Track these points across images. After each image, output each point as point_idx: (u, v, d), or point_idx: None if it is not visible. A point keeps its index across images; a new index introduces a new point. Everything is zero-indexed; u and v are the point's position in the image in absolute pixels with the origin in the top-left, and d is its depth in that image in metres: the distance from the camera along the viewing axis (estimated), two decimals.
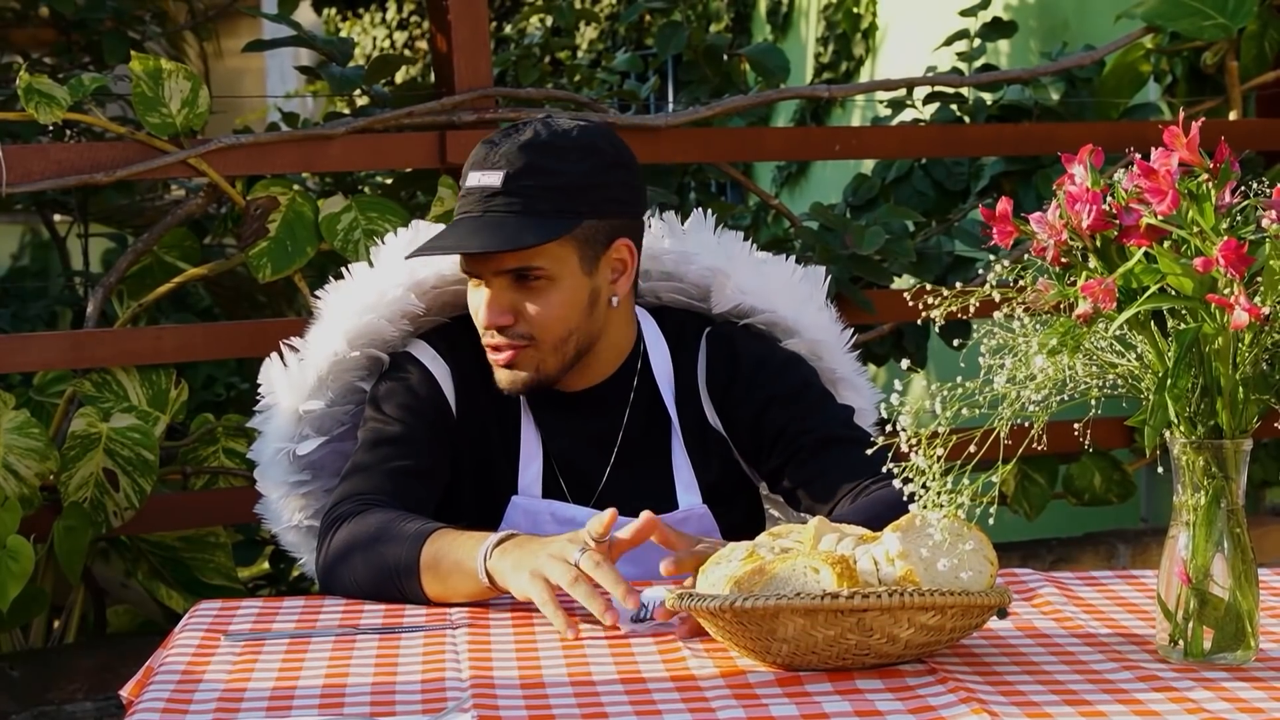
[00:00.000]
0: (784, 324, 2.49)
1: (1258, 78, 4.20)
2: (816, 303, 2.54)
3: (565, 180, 2.28)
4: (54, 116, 3.21)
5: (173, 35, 5.05)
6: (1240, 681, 1.74)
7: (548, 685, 1.79)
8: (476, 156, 2.31)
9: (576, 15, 7.06)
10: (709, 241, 2.52)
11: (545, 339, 2.31)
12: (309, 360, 2.44)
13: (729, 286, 2.47)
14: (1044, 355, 1.75)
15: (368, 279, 2.46)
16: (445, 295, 2.45)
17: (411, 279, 2.42)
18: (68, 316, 5.11)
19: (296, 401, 2.44)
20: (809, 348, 2.49)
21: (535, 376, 2.32)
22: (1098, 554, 4.35)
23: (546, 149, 2.28)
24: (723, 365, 2.42)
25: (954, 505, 1.77)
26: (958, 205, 4.48)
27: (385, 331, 2.42)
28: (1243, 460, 1.81)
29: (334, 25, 11.49)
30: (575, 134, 2.31)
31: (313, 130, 3.54)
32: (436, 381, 2.39)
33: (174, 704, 1.76)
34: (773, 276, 2.52)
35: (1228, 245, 1.69)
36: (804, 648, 1.78)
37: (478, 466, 2.40)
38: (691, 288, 2.50)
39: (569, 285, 2.30)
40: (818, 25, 7.25)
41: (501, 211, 2.26)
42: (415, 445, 2.35)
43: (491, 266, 2.28)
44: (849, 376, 2.54)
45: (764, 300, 2.49)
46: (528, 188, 2.26)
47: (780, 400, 2.38)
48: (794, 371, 2.43)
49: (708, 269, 2.48)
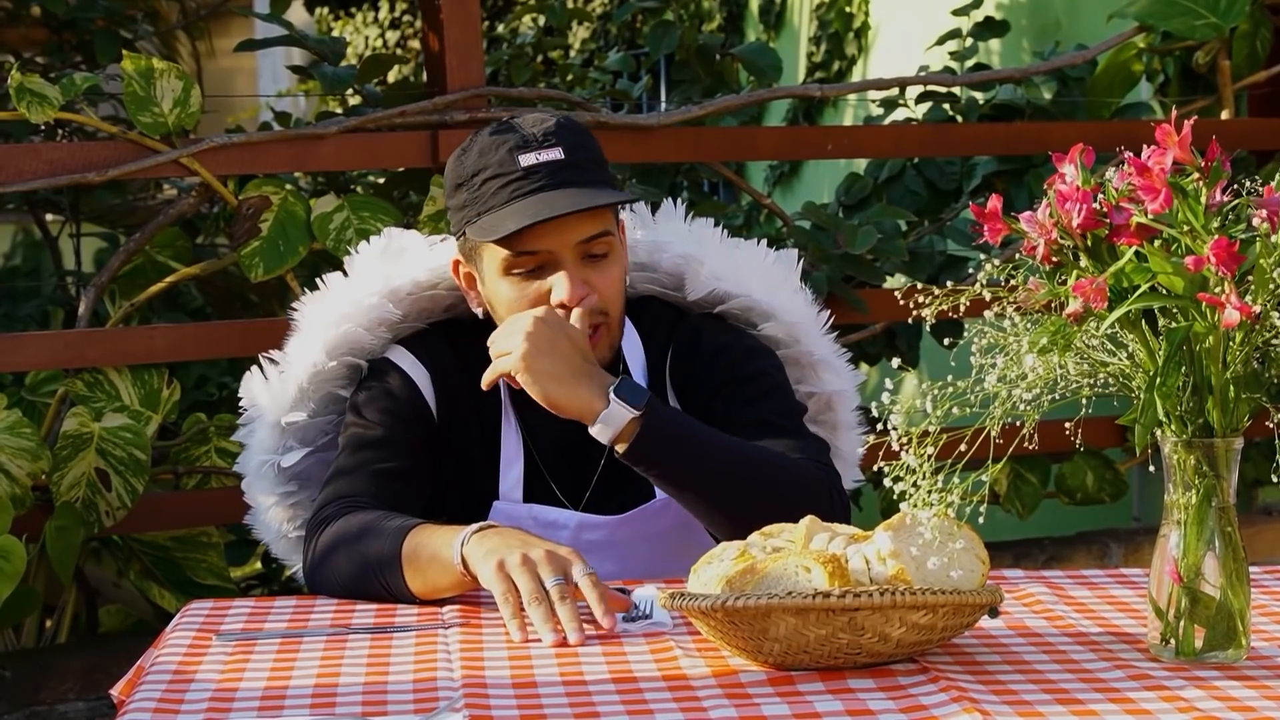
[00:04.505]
0: (759, 308, 2.48)
1: (1249, 77, 4.21)
2: (791, 285, 2.53)
3: (601, 156, 2.38)
4: (46, 116, 3.21)
5: (165, 35, 5.04)
6: (1232, 680, 1.75)
7: (540, 685, 1.79)
8: (511, 142, 2.31)
9: (569, 15, 7.05)
10: (680, 230, 2.53)
11: (614, 313, 2.35)
12: (289, 372, 2.44)
13: (702, 273, 2.47)
14: (1035, 354, 1.75)
15: (343, 289, 2.45)
16: (421, 301, 2.44)
17: (387, 286, 2.42)
18: (59, 316, 5.10)
19: (279, 414, 2.44)
20: (785, 330, 2.49)
21: (609, 355, 2.35)
22: (1090, 553, 4.35)
23: (575, 129, 2.35)
24: (685, 354, 2.42)
25: (944, 504, 1.77)
26: (950, 205, 4.49)
27: (364, 340, 2.41)
28: (1234, 459, 1.81)
29: (326, 25, 11.48)
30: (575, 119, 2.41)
31: (305, 130, 3.54)
32: (416, 385, 2.38)
33: (165, 704, 1.76)
34: (745, 261, 2.51)
35: (1219, 244, 1.69)
36: (796, 647, 1.78)
37: (460, 471, 2.40)
38: (665, 276, 2.50)
39: (621, 258, 2.37)
40: (810, 24, 7.24)
41: (577, 181, 2.29)
42: (396, 447, 2.35)
43: (570, 239, 2.28)
44: (827, 358, 2.53)
45: (737, 285, 2.48)
46: (588, 159, 2.33)
47: (730, 384, 2.38)
48: (752, 361, 2.42)
49: (680, 257, 2.48)
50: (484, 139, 2.33)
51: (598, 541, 2.36)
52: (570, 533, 2.37)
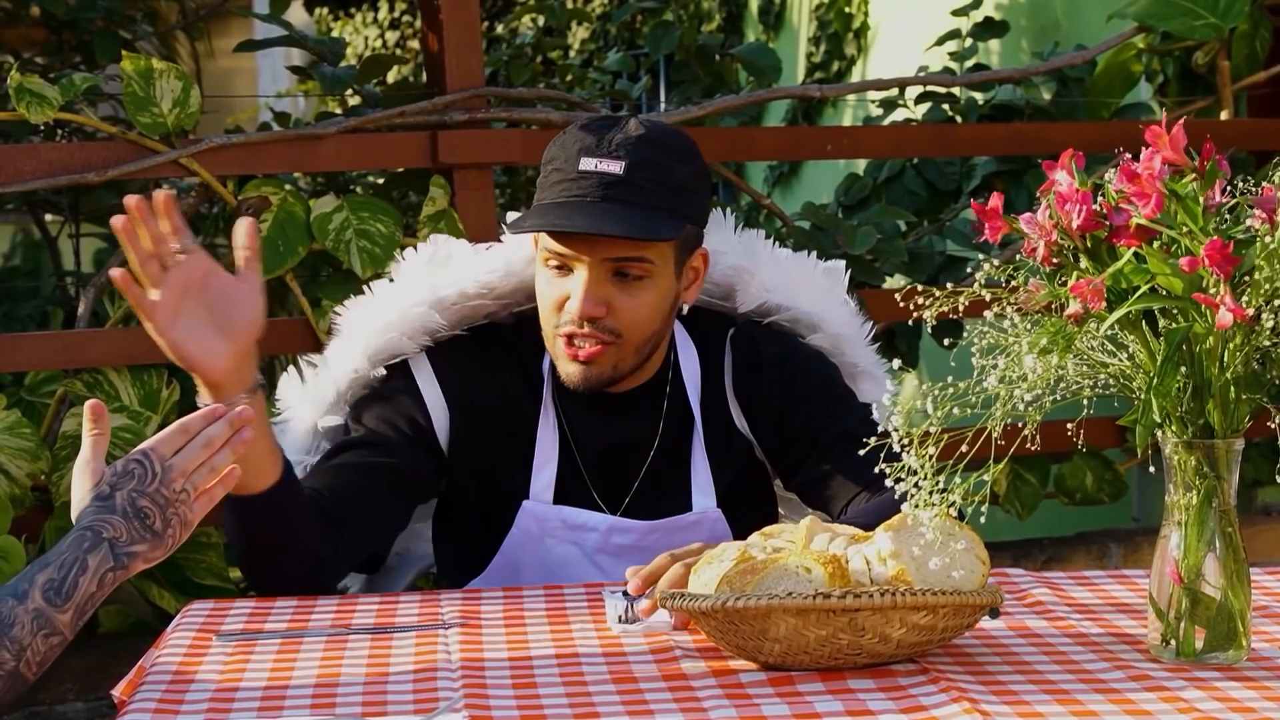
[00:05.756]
0: (807, 320, 2.49)
1: (1249, 77, 4.20)
2: (837, 297, 2.54)
3: (677, 180, 2.29)
4: (45, 116, 3.20)
5: (164, 35, 5.03)
6: (1232, 681, 1.75)
7: (539, 685, 1.79)
8: (585, 141, 2.28)
9: (568, 15, 7.05)
10: (730, 240, 2.52)
11: (631, 338, 2.30)
12: (327, 376, 2.44)
13: (753, 285, 2.47)
14: (1035, 355, 1.75)
15: (388, 296, 2.44)
16: (464, 311, 2.44)
17: (434, 296, 2.41)
18: (59, 316, 5.10)
19: (314, 417, 2.44)
20: (831, 342, 2.50)
21: (610, 375, 2.32)
22: (1090, 553, 4.35)
23: (661, 146, 2.29)
24: (747, 366, 2.42)
25: (945, 504, 1.77)
26: (949, 205, 4.48)
27: (406, 349, 2.41)
28: (1234, 460, 1.81)
29: (325, 25, 11.47)
30: (678, 136, 2.34)
31: (304, 130, 3.53)
32: (423, 398, 2.39)
33: (166, 704, 1.75)
34: (795, 273, 2.52)
35: (1213, 245, 1.69)
36: (796, 647, 1.78)
37: (482, 474, 2.40)
38: (714, 287, 2.50)
39: (662, 286, 2.30)
40: (809, 25, 7.24)
41: (623, 200, 2.25)
42: (377, 448, 2.35)
43: (599, 253, 2.26)
44: (870, 369, 2.55)
45: (787, 297, 2.49)
46: (650, 180, 2.26)
47: (802, 397, 2.39)
48: (815, 369, 2.44)
49: (732, 268, 2.48)
50: (573, 129, 2.32)
51: (626, 546, 2.37)
52: (600, 535, 2.38)
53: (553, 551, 2.38)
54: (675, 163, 2.29)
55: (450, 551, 2.49)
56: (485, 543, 2.40)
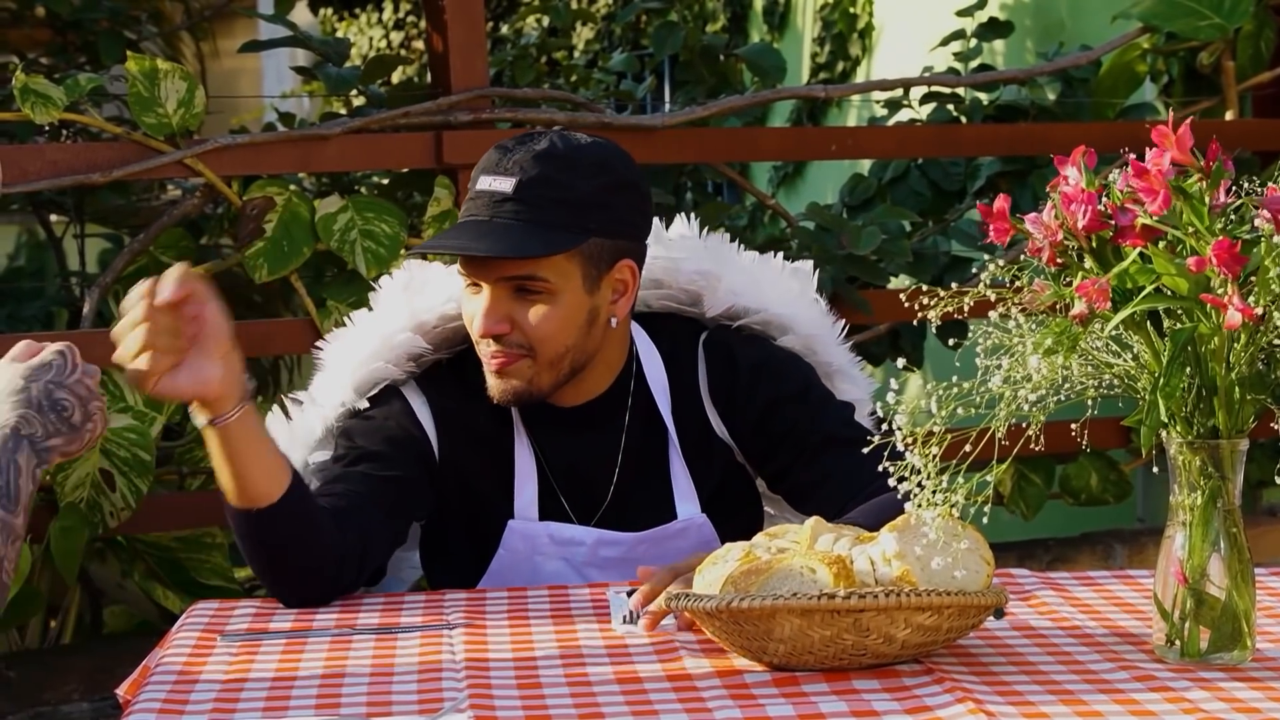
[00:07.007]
0: (777, 322, 2.48)
1: (1254, 78, 4.20)
2: (807, 298, 2.53)
3: (577, 195, 2.26)
4: (50, 116, 3.21)
5: (169, 35, 5.04)
6: (1237, 681, 1.75)
7: (544, 685, 1.79)
8: (489, 161, 2.28)
9: (573, 15, 7.06)
10: (695, 246, 2.50)
11: (543, 351, 2.28)
12: (314, 413, 2.42)
13: (720, 289, 2.46)
14: (1040, 355, 1.75)
15: (369, 325, 2.43)
16: (445, 333, 2.43)
17: (414, 321, 2.39)
18: (64, 317, 5.11)
19: (303, 455, 2.41)
20: (803, 343, 2.48)
21: (527, 388, 2.30)
22: (1094, 554, 4.35)
23: (561, 161, 2.26)
24: (723, 371, 2.41)
25: (948, 504, 1.77)
26: (954, 205, 4.48)
27: (393, 376, 2.40)
28: (1239, 460, 1.81)
29: (330, 25, 11.48)
30: (590, 149, 2.29)
31: (309, 130, 3.54)
32: (416, 415, 2.37)
33: (170, 703, 1.76)
34: (762, 275, 2.50)
35: (1220, 245, 1.69)
36: (800, 648, 1.78)
37: (468, 494, 2.39)
38: (680, 293, 2.48)
39: (569, 301, 2.27)
40: (814, 25, 7.24)
41: (509, 218, 2.24)
42: (372, 461, 2.33)
43: (494, 273, 2.26)
44: (844, 368, 2.53)
45: (756, 300, 2.48)
46: (539, 197, 2.24)
47: (784, 400, 2.38)
48: (794, 371, 2.43)
49: (697, 273, 2.46)
50: (492, 147, 2.32)
51: (614, 558, 2.37)
52: (587, 549, 2.37)
53: (542, 568, 2.37)
54: (580, 178, 2.26)
55: (440, 572, 2.48)
56: (474, 563, 2.39)
